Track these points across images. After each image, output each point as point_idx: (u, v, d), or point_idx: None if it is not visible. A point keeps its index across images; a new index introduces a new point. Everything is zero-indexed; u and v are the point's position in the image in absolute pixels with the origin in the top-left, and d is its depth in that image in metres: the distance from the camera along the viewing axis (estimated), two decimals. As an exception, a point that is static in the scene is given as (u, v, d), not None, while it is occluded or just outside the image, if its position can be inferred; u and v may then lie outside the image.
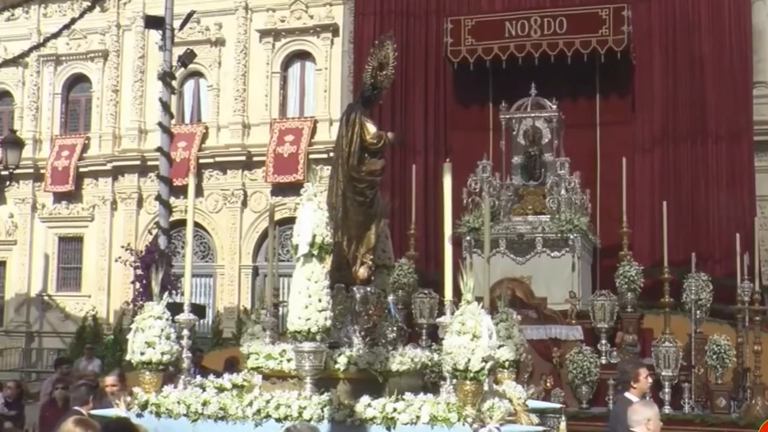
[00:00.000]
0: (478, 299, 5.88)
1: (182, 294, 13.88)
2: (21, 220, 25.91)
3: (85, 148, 25.42)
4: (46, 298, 25.26)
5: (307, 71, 23.89)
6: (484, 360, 5.49)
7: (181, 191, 16.63)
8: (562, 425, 8.01)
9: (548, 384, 11.88)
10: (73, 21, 18.03)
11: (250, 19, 24.07)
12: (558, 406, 8.88)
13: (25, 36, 24.91)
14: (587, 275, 15.40)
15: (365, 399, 5.77)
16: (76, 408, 7.34)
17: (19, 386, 12.98)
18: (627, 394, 7.78)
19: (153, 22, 16.86)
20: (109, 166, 24.90)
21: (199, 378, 6.95)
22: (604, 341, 13.05)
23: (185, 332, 6.55)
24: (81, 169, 25.14)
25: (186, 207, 8.32)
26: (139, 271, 15.25)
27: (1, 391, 12.65)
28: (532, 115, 15.81)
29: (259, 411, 5.84)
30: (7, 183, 20.42)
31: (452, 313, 5.83)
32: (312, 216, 5.88)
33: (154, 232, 16.95)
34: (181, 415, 6.01)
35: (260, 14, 24.02)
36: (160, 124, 16.24)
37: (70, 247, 25.65)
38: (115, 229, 24.83)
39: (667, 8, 17.69)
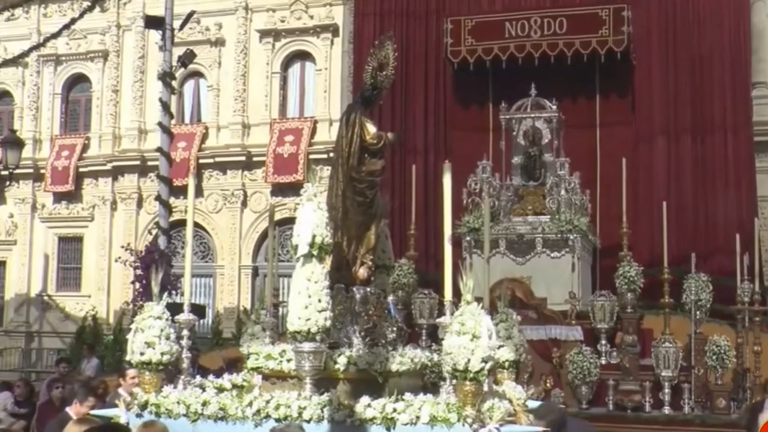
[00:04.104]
0: (478, 299, 5.89)
1: (182, 294, 13.87)
2: (21, 220, 25.88)
3: (85, 148, 25.38)
4: (46, 298, 25.23)
5: (307, 71, 23.87)
6: (484, 360, 5.49)
7: (181, 191, 16.60)
8: (562, 425, 7.99)
9: (548, 384, 11.89)
10: (73, 21, 18.02)
11: (250, 19, 24.06)
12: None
13: (25, 36, 24.87)
14: (587, 275, 15.40)
15: (365, 399, 5.77)
16: (66, 410, 7.32)
17: (28, 384, 12.96)
18: None
19: (153, 22, 16.85)
20: (109, 166, 24.88)
21: (198, 378, 6.95)
22: (603, 342, 13.07)
23: (185, 332, 6.54)
24: (81, 169, 25.11)
25: (186, 207, 8.32)
26: (139, 272, 15.22)
27: (11, 391, 12.62)
28: (532, 115, 15.83)
29: (258, 411, 5.84)
30: (7, 183, 20.42)
31: (452, 314, 5.83)
32: (312, 216, 5.88)
33: (154, 232, 16.94)
34: (180, 416, 6.01)
35: (260, 14, 24.00)
36: (160, 124, 16.22)
37: (70, 247, 25.62)
38: (115, 229, 24.81)
39: (667, 9, 17.71)
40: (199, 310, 12.26)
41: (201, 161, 23.74)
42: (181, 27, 16.88)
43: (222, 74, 24.16)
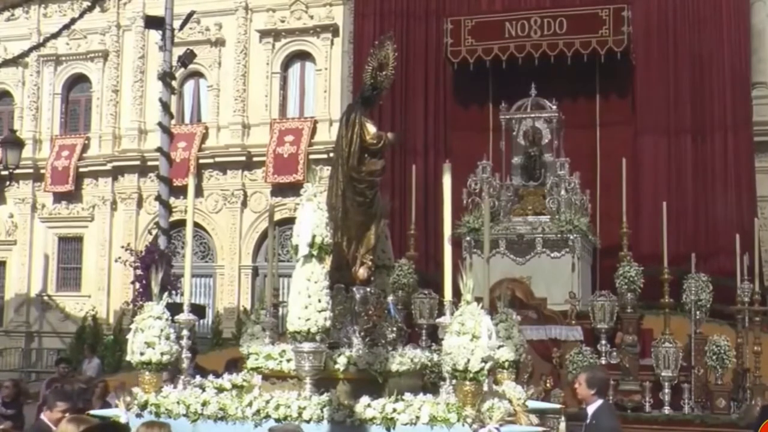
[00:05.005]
0: (478, 300, 5.88)
1: (182, 294, 13.88)
2: (21, 220, 25.89)
3: (85, 148, 25.39)
4: (45, 298, 25.24)
5: (307, 71, 23.87)
6: (484, 360, 5.49)
7: (181, 191, 16.61)
8: (562, 425, 8.03)
9: (548, 384, 11.88)
10: (73, 21, 18.02)
11: (250, 19, 24.06)
12: (558, 406, 8.88)
13: (25, 36, 24.88)
14: (587, 275, 15.39)
15: (365, 399, 5.77)
16: (41, 416, 7.31)
17: (16, 385, 12.93)
18: None
19: (153, 22, 16.87)
20: (109, 166, 24.88)
21: (198, 378, 6.95)
22: (603, 342, 13.05)
23: (185, 332, 6.54)
24: (81, 169, 25.12)
25: (186, 207, 8.32)
26: (139, 272, 15.24)
27: None
28: (532, 115, 15.81)
29: (258, 411, 5.84)
30: (7, 183, 20.42)
31: (452, 314, 5.83)
32: (312, 216, 5.88)
33: (154, 232, 16.96)
34: (180, 416, 6.01)
35: (260, 14, 24.00)
36: (160, 124, 16.24)
37: (70, 247, 25.63)
38: (115, 229, 24.81)
39: (667, 9, 17.71)
40: (199, 310, 12.26)
41: (201, 161, 23.75)
42: (181, 27, 16.90)
43: (222, 74, 24.17)
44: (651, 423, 11.69)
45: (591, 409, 7.01)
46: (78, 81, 26.32)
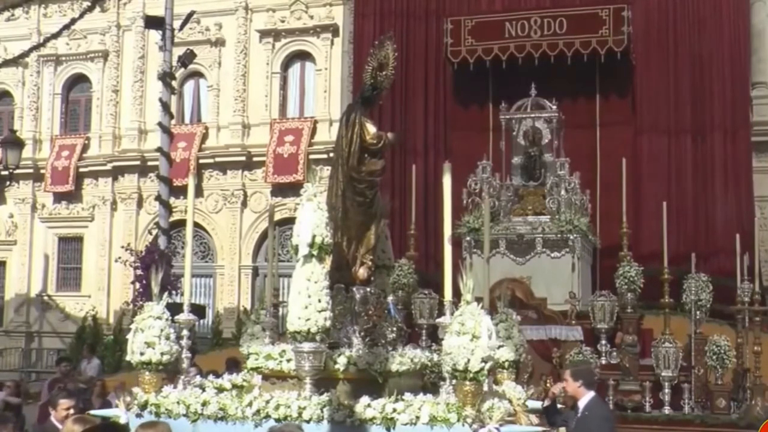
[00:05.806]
0: (478, 300, 5.88)
1: (182, 294, 13.87)
2: (21, 220, 25.88)
3: (85, 148, 25.39)
4: (45, 298, 25.23)
5: (307, 71, 23.87)
6: (484, 360, 5.49)
7: (181, 191, 16.60)
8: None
9: (548, 384, 11.86)
10: (73, 21, 18.03)
11: (250, 19, 24.06)
12: (558, 406, 8.86)
13: (25, 36, 24.89)
14: (587, 276, 15.40)
15: (365, 399, 5.77)
16: (51, 418, 7.32)
17: (17, 386, 13.00)
18: None
19: (153, 22, 16.88)
20: (109, 166, 24.88)
21: (198, 378, 6.95)
22: (603, 342, 13.07)
23: (185, 332, 6.55)
24: (81, 169, 25.12)
25: (186, 207, 8.32)
26: (139, 272, 15.25)
27: (1, 391, 12.67)
28: (532, 115, 15.82)
29: (258, 411, 5.84)
30: (7, 183, 20.42)
31: (452, 314, 5.83)
32: (312, 216, 5.88)
33: (154, 232, 16.97)
34: (180, 416, 6.01)
35: (260, 14, 24.00)
36: (160, 124, 16.25)
37: (70, 247, 25.62)
38: (115, 229, 24.81)
39: (667, 9, 17.72)
40: (199, 310, 12.27)
41: (201, 161, 23.74)
42: (181, 27, 16.91)
43: (222, 74, 24.16)
44: (651, 423, 11.70)
45: (582, 403, 7.03)
46: (78, 81, 26.31)
